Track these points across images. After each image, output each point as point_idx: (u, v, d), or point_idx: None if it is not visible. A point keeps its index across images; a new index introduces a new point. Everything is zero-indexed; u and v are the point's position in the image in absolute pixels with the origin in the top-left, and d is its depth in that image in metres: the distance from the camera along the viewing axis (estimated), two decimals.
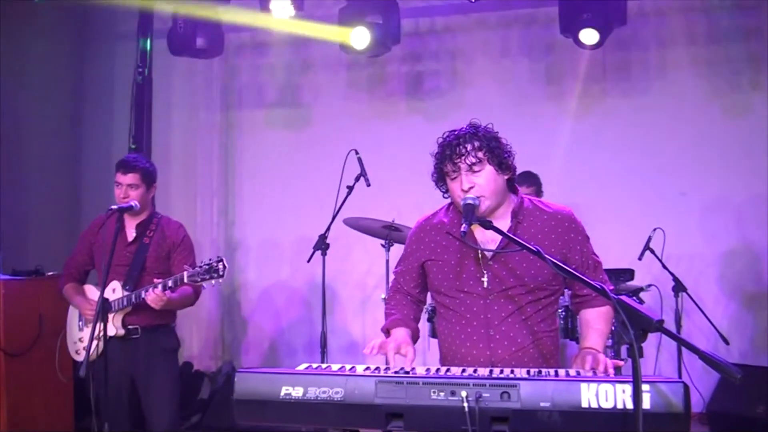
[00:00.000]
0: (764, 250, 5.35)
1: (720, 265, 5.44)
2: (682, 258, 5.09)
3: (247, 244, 6.37)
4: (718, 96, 5.46)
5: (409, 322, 2.65)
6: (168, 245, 3.74)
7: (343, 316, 6.08)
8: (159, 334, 3.70)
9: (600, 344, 2.49)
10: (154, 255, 3.70)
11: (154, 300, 3.41)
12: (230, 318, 6.41)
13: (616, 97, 5.73)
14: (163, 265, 3.71)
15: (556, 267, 2.07)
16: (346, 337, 6.08)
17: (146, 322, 3.64)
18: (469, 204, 2.38)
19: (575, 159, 5.52)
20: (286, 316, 6.27)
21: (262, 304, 6.34)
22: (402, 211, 4.88)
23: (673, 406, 1.89)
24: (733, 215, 5.42)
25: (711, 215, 5.43)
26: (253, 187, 6.38)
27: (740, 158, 5.38)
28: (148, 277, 3.63)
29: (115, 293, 3.64)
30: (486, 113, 5.38)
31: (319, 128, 6.20)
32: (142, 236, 3.71)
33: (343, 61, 6.14)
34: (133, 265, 3.65)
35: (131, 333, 3.63)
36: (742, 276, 5.43)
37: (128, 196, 3.64)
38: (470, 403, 1.96)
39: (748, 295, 5.37)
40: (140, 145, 4.78)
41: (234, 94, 6.44)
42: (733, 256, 5.45)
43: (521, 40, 5.93)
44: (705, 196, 5.46)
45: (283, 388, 2.10)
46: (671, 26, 5.57)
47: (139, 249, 3.68)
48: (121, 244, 3.70)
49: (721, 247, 5.45)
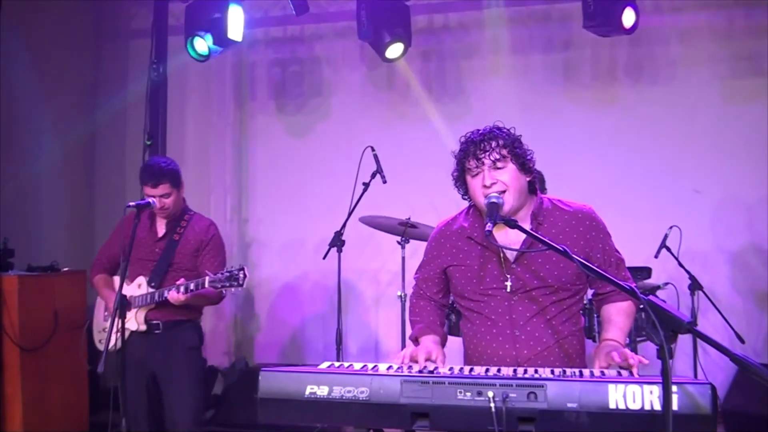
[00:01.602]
0: None
1: (734, 264, 5.42)
2: (697, 256, 5.07)
3: (260, 240, 6.38)
4: (734, 94, 5.42)
5: (435, 328, 2.65)
6: (197, 243, 3.73)
7: (359, 313, 6.09)
8: (181, 330, 3.70)
9: (621, 338, 2.49)
10: (183, 252, 3.70)
11: (175, 300, 3.43)
12: (243, 314, 6.42)
13: (631, 94, 5.69)
14: (190, 262, 3.71)
15: (583, 267, 2.06)
16: (362, 334, 6.10)
17: (168, 317, 3.65)
18: (493, 203, 2.37)
19: (590, 156, 5.49)
20: (301, 313, 6.28)
21: (275, 300, 6.35)
22: (417, 208, 4.88)
23: (701, 407, 1.88)
24: (747, 213, 5.39)
25: (725, 213, 5.40)
26: (267, 183, 6.38)
27: (755, 156, 5.34)
28: (174, 274, 3.64)
29: (141, 289, 3.65)
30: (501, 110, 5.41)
31: (334, 125, 6.20)
32: (172, 232, 3.71)
33: (359, 57, 6.14)
34: (160, 261, 3.66)
35: (153, 328, 3.64)
36: (757, 274, 5.39)
37: (164, 205, 3.63)
38: (497, 403, 1.96)
39: (763, 293, 5.34)
40: (156, 141, 4.78)
41: (248, 89, 6.43)
42: (748, 254, 5.42)
43: (537, 37, 5.90)
44: (719, 194, 5.43)
45: (308, 387, 2.11)
46: (688, 23, 5.53)
47: (168, 245, 3.68)
48: (150, 239, 3.71)
49: (735, 245, 5.42)
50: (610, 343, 2.44)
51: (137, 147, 5.07)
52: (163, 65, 4.90)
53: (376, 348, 6.06)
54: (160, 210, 3.65)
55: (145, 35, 5.57)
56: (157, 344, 3.65)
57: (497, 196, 2.40)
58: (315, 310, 6.21)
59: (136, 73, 5.68)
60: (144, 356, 3.64)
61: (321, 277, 6.07)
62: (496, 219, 2.31)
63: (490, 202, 2.38)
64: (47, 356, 4.46)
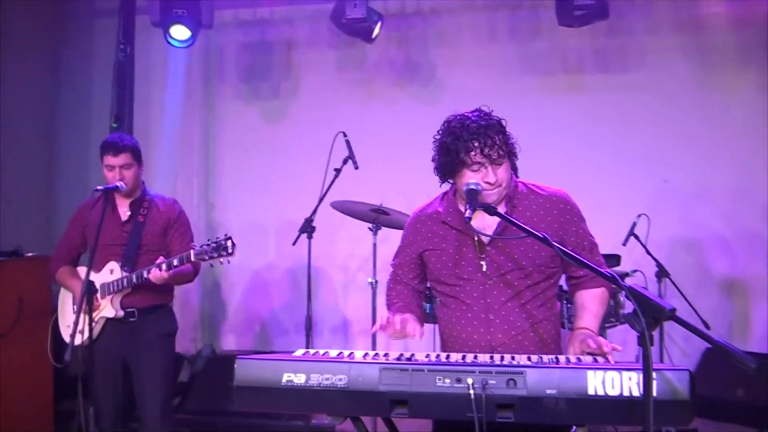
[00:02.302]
0: (743, 239, 5.45)
1: (700, 252, 5.52)
2: (664, 244, 5.16)
3: (227, 226, 6.26)
4: (703, 85, 5.49)
5: (413, 308, 2.65)
6: (164, 222, 3.67)
7: (328, 299, 6.05)
8: (157, 316, 3.64)
9: (595, 325, 2.51)
10: (151, 233, 3.63)
11: (158, 278, 3.35)
12: (210, 300, 6.34)
13: (601, 82, 5.73)
14: (160, 242, 3.65)
15: (563, 254, 2.06)
16: (331, 321, 6.06)
17: (144, 303, 3.58)
18: (472, 189, 2.36)
19: (560, 144, 5.52)
20: (268, 300, 6.23)
21: (243, 286, 6.29)
22: (386, 194, 4.85)
23: (679, 393, 1.90)
24: (714, 203, 5.49)
25: (693, 203, 5.49)
26: (235, 167, 6.29)
27: (723, 147, 5.44)
28: (146, 256, 3.57)
29: (114, 274, 3.56)
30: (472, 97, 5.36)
31: (304, 109, 6.13)
32: (136, 215, 3.64)
33: (330, 41, 6.07)
34: (130, 245, 3.58)
35: (128, 316, 3.56)
36: (722, 264, 5.52)
37: (123, 177, 3.56)
38: (476, 390, 1.96)
39: (727, 282, 5.47)
40: (122, 123, 4.67)
41: (216, 72, 6.32)
42: (713, 243, 5.53)
43: (508, 24, 5.90)
44: (687, 183, 5.51)
45: (285, 375, 2.08)
46: (658, 13, 5.58)
47: (134, 228, 3.60)
48: (115, 224, 3.63)
49: (702, 234, 5.52)
50: (584, 332, 2.45)
51: (102, 129, 4.95)
52: (130, 46, 4.78)
53: (345, 334, 6.04)
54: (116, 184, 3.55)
55: (111, 15, 5.43)
56: (134, 332, 3.58)
57: (476, 183, 2.38)
58: (283, 296, 6.17)
59: (101, 53, 5.53)
60: (119, 344, 3.57)
61: (290, 263, 6.03)
62: (475, 206, 2.30)
63: (469, 189, 2.36)
64: (11, 343, 4.34)
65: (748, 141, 5.43)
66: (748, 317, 5.38)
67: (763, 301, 5.43)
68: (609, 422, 2.01)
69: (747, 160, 5.42)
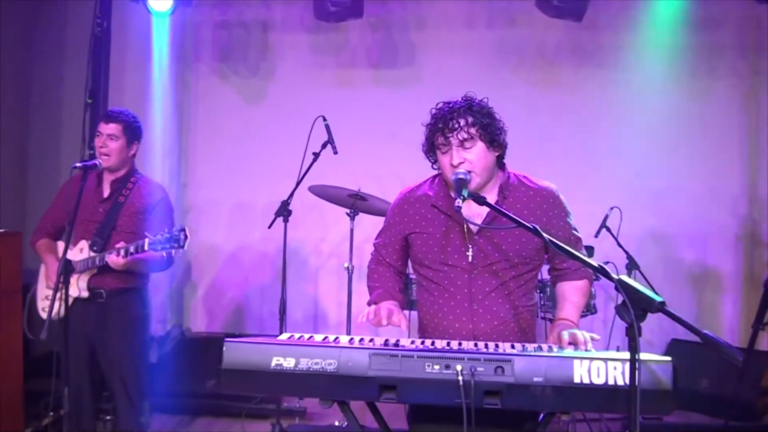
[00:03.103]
0: (713, 233, 5.62)
1: (671, 246, 5.66)
2: (635, 237, 5.25)
3: (200, 207, 6.22)
4: (678, 82, 5.58)
5: (394, 293, 2.65)
6: (142, 206, 3.60)
7: (302, 283, 6.04)
8: (126, 299, 3.56)
9: (575, 316, 2.56)
10: (127, 214, 3.56)
11: (114, 263, 3.30)
12: (180, 282, 6.28)
13: (577, 75, 5.80)
14: (135, 225, 3.56)
15: (555, 246, 2.09)
16: (305, 305, 6.06)
17: (113, 285, 3.52)
18: (460, 179, 2.37)
19: (534, 133, 5.56)
20: (240, 282, 6.20)
21: (214, 269, 6.24)
22: (361, 180, 4.84)
23: (662, 383, 1.96)
24: (685, 198, 5.62)
25: (664, 197, 5.61)
26: (208, 148, 6.22)
27: (695, 144, 5.57)
28: (118, 237, 3.49)
29: (82, 253, 3.50)
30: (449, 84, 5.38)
31: (279, 90, 6.08)
32: (117, 194, 3.57)
33: (307, 23, 6.03)
34: (104, 224, 3.52)
35: (96, 296, 3.50)
36: (689, 258, 5.67)
37: (106, 146, 3.50)
38: (465, 376, 1.99)
39: (693, 275, 5.62)
40: (97, 99, 4.56)
41: (191, 50, 6.22)
42: (684, 237, 5.67)
43: (488, 12, 5.92)
44: (659, 178, 5.62)
45: (274, 359, 2.08)
46: (635, 10, 5.65)
47: (113, 207, 3.54)
48: (95, 199, 3.56)
49: (672, 228, 5.65)
50: (564, 323, 2.50)
51: (76, 105, 4.82)
52: (107, 20, 4.66)
53: (320, 319, 6.05)
54: (100, 149, 3.51)
55: None
56: (102, 314, 3.51)
57: (464, 172, 2.40)
58: (255, 279, 6.14)
59: (76, 28, 5.39)
60: (85, 325, 3.50)
61: (263, 246, 6.00)
62: (465, 195, 2.31)
63: (457, 178, 2.38)
64: None
65: (720, 138, 5.57)
66: (715, 310, 5.54)
67: (730, 295, 5.60)
68: (594, 410, 2.05)
69: (718, 156, 5.57)
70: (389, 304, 2.55)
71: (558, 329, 2.43)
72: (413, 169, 2.69)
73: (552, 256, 2.61)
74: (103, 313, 3.52)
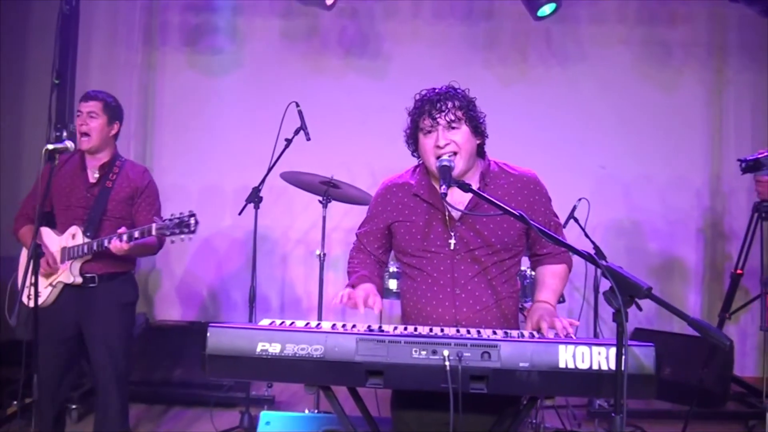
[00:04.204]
0: (678, 225, 5.76)
1: (637, 236, 5.79)
2: (602, 227, 5.35)
3: (165, 191, 6.00)
4: (645, 76, 5.70)
5: (374, 278, 2.65)
6: (132, 190, 3.52)
7: (272, 270, 6.00)
8: (116, 284, 3.49)
9: (553, 299, 2.60)
10: (116, 199, 3.47)
11: (118, 249, 3.22)
12: (143, 268, 6.18)
13: (545, 69, 5.87)
14: (125, 210, 3.49)
15: (540, 232, 2.12)
16: (276, 291, 6.02)
17: (105, 269, 3.44)
18: (445, 165, 2.38)
19: (504, 126, 5.55)
20: (206, 269, 6.13)
21: (178, 255, 6.14)
22: (331, 168, 4.80)
23: (645, 368, 2.00)
24: (652, 190, 5.75)
25: (631, 189, 5.73)
26: (175, 133, 6.11)
27: (662, 137, 5.69)
28: (109, 223, 3.42)
29: (75, 239, 3.40)
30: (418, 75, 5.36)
31: (247, 75, 6.03)
32: (104, 179, 3.48)
33: (276, 8, 5.97)
34: (94, 209, 3.42)
35: (88, 281, 3.41)
36: (651, 249, 5.81)
37: (86, 124, 3.42)
38: (452, 362, 2.00)
39: (659, 265, 5.75)
40: (64, 80, 4.43)
41: (157, 32, 6.10)
42: (650, 228, 5.80)
43: (458, 5, 5.94)
44: (627, 170, 5.74)
45: (260, 344, 2.07)
46: (604, 5, 5.73)
47: (101, 192, 3.45)
48: (83, 185, 3.47)
49: (639, 219, 5.79)
50: (543, 305, 2.53)
51: (40, 86, 4.68)
52: None
53: (289, 306, 6.02)
54: (80, 127, 3.43)
55: None
56: (92, 299, 3.43)
57: (448, 159, 2.41)
58: (223, 266, 6.08)
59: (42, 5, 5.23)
60: (75, 312, 3.42)
61: (231, 232, 5.94)
62: (450, 182, 2.32)
63: (441, 165, 2.39)
64: None
65: (687, 132, 5.70)
66: (681, 300, 5.68)
67: (693, 285, 5.76)
68: (578, 394, 2.09)
69: (683, 150, 5.70)
70: (366, 287, 2.55)
71: (537, 313, 2.46)
72: (383, 156, 2.69)
73: (533, 242, 2.64)
74: (94, 298, 3.44)
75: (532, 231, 2.55)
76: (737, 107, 5.77)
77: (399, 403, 2.51)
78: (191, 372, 4.99)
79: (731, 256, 5.63)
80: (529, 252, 2.72)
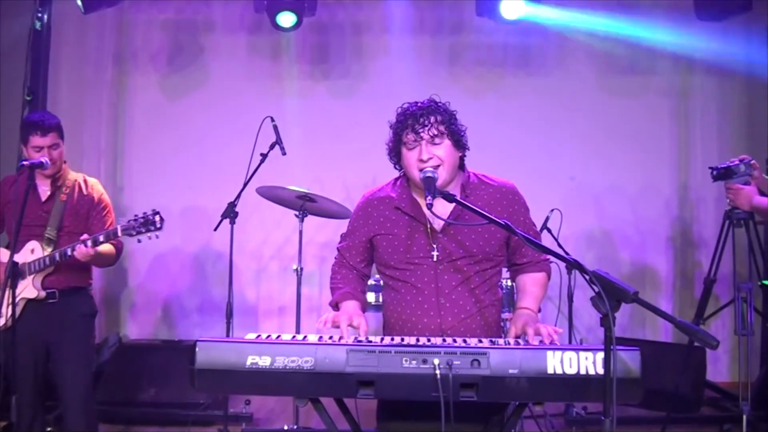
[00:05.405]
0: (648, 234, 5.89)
1: (608, 246, 5.90)
2: (572, 238, 5.43)
3: (135, 209, 5.89)
4: (611, 87, 5.83)
5: (357, 294, 2.66)
6: (87, 204, 3.51)
7: (245, 286, 5.98)
8: (77, 298, 3.49)
9: (534, 306, 2.64)
10: (72, 214, 3.46)
11: (83, 255, 3.20)
12: (116, 287, 6.10)
13: (513, 81, 5.97)
14: (81, 224, 3.47)
15: (526, 240, 2.16)
16: (248, 308, 5.99)
17: (65, 284, 3.43)
18: (429, 177, 2.42)
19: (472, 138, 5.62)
20: (179, 286, 6.07)
21: (149, 273, 6.08)
22: (304, 182, 4.80)
23: (631, 371, 2.05)
24: (622, 200, 5.88)
25: (602, 199, 5.84)
26: (145, 150, 6.06)
27: (629, 148, 5.81)
28: (66, 237, 3.39)
29: (35, 253, 3.37)
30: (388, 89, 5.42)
31: (216, 91, 6.01)
32: (57, 194, 3.46)
33: (246, 23, 5.98)
34: (49, 225, 3.40)
35: (49, 297, 3.39)
36: (620, 257, 5.92)
37: (53, 158, 3.40)
38: (442, 370, 2.01)
39: (630, 274, 5.86)
40: (36, 96, 4.37)
41: (128, 48, 6.07)
42: (621, 237, 5.92)
43: (428, 19, 6.01)
44: (596, 181, 5.85)
45: (250, 358, 2.06)
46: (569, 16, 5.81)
47: (55, 208, 3.43)
48: (34, 203, 3.43)
49: (609, 229, 5.91)
50: (525, 312, 2.57)
51: (11, 102, 4.61)
52: (47, 14, 4.46)
53: (269, 321, 5.98)
54: (51, 164, 3.40)
55: None
56: (53, 313, 3.41)
57: (432, 170, 2.45)
58: (192, 282, 6.04)
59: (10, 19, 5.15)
60: (38, 327, 3.39)
61: (205, 248, 5.89)
62: (435, 193, 2.36)
63: (426, 176, 2.43)
64: None
65: (653, 142, 5.84)
66: None
67: (664, 292, 5.87)
68: (567, 399, 2.13)
69: (651, 159, 5.83)
70: (350, 307, 2.56)
71: (520, 319, 2.50)
72: (355, 170, 2.70)
73: (513, 251, 2.68)
74: (57, 313, 3.42)
75: (512, 241, 2.62)
76: (703, 114, 5.92)
77: (385, 413, 2.51)
78: (166, 391, 4.91)
79: (701, 264, 5.77)
80: (509, 262, 2.76)
